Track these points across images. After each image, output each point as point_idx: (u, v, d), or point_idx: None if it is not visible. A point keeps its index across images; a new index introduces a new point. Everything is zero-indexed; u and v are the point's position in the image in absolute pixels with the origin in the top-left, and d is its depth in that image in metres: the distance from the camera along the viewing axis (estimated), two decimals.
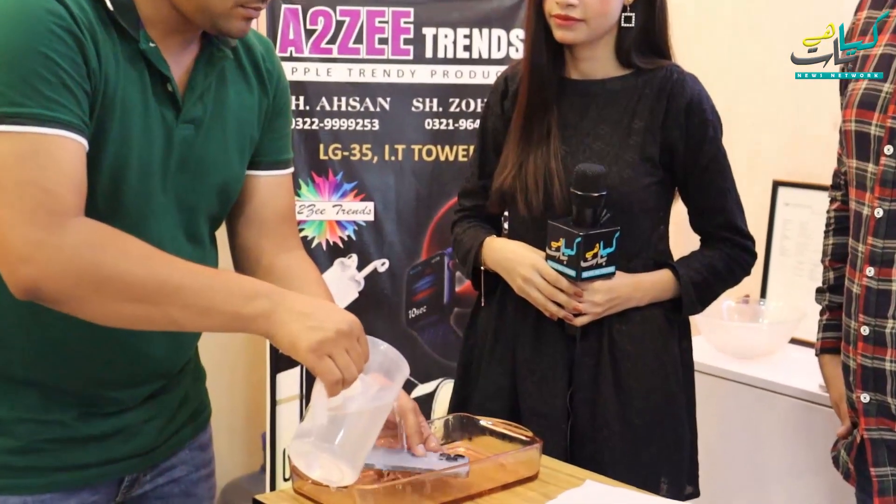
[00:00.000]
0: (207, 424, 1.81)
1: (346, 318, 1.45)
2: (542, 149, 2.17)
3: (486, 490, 1.53)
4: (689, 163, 2.17)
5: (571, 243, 2.07)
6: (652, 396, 2.15)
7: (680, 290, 2.19)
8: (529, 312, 2.18)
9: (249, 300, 1.43)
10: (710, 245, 2.24)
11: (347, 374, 1.43)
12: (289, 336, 1.42)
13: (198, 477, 1.77)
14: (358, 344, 1.45)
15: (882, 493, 1.89)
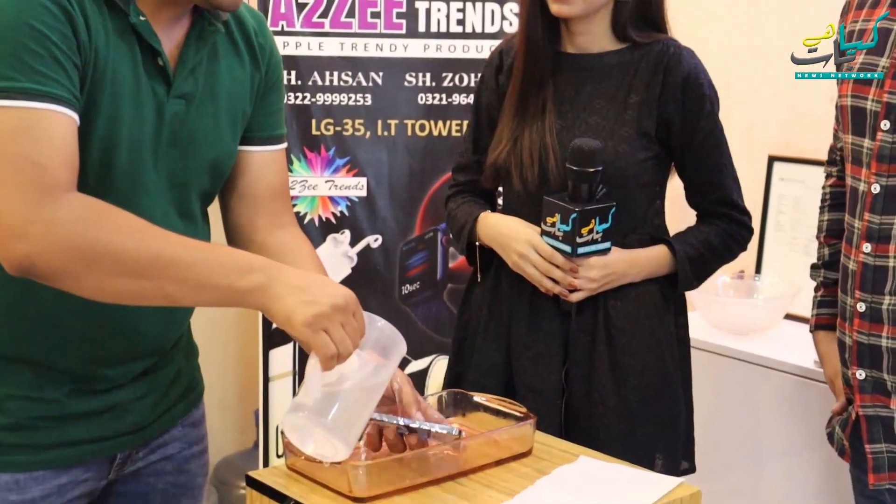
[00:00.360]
0: (200, 401, 1.81)
1: (342, 292, 1.45)
2: (538, 123, 2.17)
3: (480, 466, 1.54)
4: (686, 138, 2.17)
5: (567, 219, 2.07)
6: (647, 373, 2.16)
7: (676, 265, 2.19)
8: (524, 288, 2.18)
9: (244, 274, 1.43)
10: (707, 220, 2.25)
11: (342, 348, 1.43)
12: (284, 310, 1.42)
13: (191, 454, 1.77)
14: (354, 319, 1.45)
15: (877, 470, 1.90)
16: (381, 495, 1.45)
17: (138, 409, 1.66)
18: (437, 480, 1.50)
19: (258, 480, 1.52)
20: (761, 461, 2.75)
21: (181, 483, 1.76)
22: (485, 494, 1.46)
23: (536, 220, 2.15)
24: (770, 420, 2.73)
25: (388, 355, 1.50)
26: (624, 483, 1.49)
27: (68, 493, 1.60)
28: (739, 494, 2.79)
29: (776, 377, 2.71)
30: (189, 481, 1.77)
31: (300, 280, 1.45)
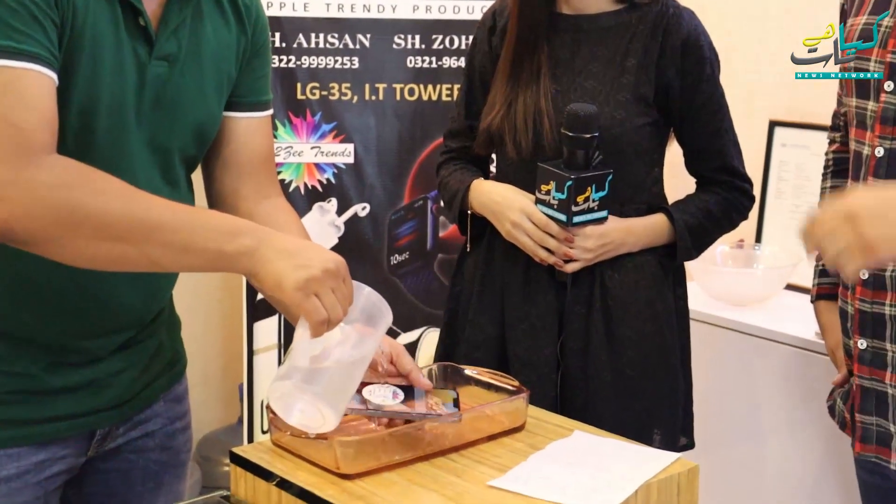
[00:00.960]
0: (183, 375, 1.81)
1: (332, 257, 1.45)
2: (532, 88, 2.16)
3: (472, 441, 1.54)
4: (685, 103, 2.16)
5: (562, 187, 2.07)
6: (645, 345, 2.16)
7: (674, 235, 2.19)
8: (518, 259, 2.18)
9: (233, 237, 1.43)
10: (707, 188, 2.24)
11: (333, 313, 1.43)
12: (273, 274, 1.42)
13: (173, 429, 1.77)
14: (344, 285, 1.45)
15: (864, 440, 1.91)
16: (368, 471, 1.45)
17: (118, 384, 1.65)
18: (427, 456, 1.50)
19: (242, 457, 1.52)
20: (761, 436, 2.76)
21: (164, 460, 1.76)
22: (476, 470, 1.47)
23: (530, 188, 2.14)
24: (770, 393, 2.74)
25: (374, 324, 1.50)
26: (619, 458, 1.49)
27: (46, 470, 1.60)
28: (739, 470, 2.81)
29: (776, 349, 2.72)
30: (172, 458, 1.77)
31: (290, 244, 1.44)
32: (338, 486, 1.42)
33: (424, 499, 1.39)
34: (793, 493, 2.70)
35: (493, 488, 1.41)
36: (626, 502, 1.40)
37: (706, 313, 2.85)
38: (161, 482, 1.76)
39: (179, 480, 1.80)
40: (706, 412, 2.83)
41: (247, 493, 1.51)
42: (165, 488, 1.77)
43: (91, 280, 1.51)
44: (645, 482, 1.43)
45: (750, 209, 2.27)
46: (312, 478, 1.44)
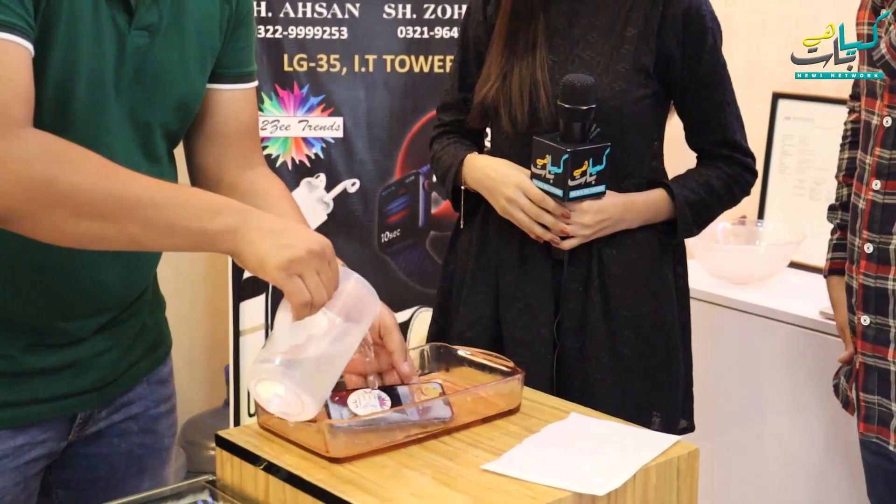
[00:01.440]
0: (167, 357, 1.81)
1: (317, 238, 1.44)
2: (528, 59, 2.15)
3: (465, 424, 1.54)
4: (687, 74, 2.16)
5: (558, 160, 2.06)
6: (644, 325, 2.16)
7: (675, 211, 2.18)
8: (513, 235, 2.18)
9: (216, 216, 1.42)
10: (708, 163, 2.24)
11: (317, 296, 1.42)
12: (257, 254, 1.41)
13: (157, 413, 1.77)
14: (329, 267, 1.44)
15: (867, 420, 1.92)
16: (358, 455, 1.45)
17: (100, 366, 1.65)
18: (419, 439, 1.50)
19: (228, 440, 1.52)
20: (763, 417, 2.77)
21: (148, 444, 1.76)
22: (469, 454, 1.47)
23: (526, 162, 2.14)
24: (772, 374, 2.74)
25: (361, 314, 1.50)
26: (617, 441, 1.50)
27: (25, 454, 1.59)
28: (740, 452, 2.81)
29: (779, 329, 2.72)
30: (156, 442, 1.77)
31: (274, 224, 1.44)
32: (327, 470, 1.42)
33: (416, 483, 1.39)
34: (796, 475, 2.71)
35: (487, 472, 1.41)
36: (624, 486, 1.40)
37: (707, 292, 2.85)
38: (144, 466, 1.76)
39: (163, 465, 1.80)
40: (706, 393, 2.83)
41: (233, 477, 1.51)
42: (149, 473, 1.77)
43: (71, 259, 1.50)
44: (643, 466, 1.43)
45: (752, 184, 2.27)
46: (301, 462, 1.44)
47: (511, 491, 1.36)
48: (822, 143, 2.96)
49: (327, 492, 1.36)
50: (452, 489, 1.37)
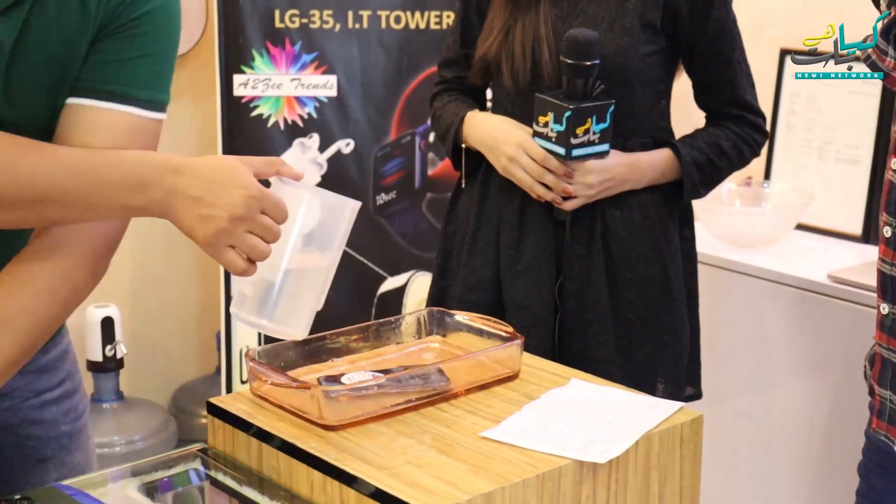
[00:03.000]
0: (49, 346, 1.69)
1: (240, 196, 1.39)
2: (531, 13, 2.14)
3: (463, 390, 1.54)
4: (695, 31, 2.15)
5: (561, 118, 2.06)
6: (648, 288, 2.16)
7: (681, 171, 2.18)
8: (514, 195, 2.18)
9: (137, 191, 1.40)
10: (717, 123, 2.23)
11: (256, 255, 1.41)
12: (185, 227, 1.41)
13: (41, 402, 1.68)
14: (261, 217, 1.41)
15: (880, 416, 1.88)
16: (354, 422, 1.45)
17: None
18: (415, 406, 1.50)
19: (220, 408, 1.52)
20: (770, 384, 2.78)
21: (37, 435, 1.68)
22: (467, 421, 1.47)
23: (528, 120, 2.13)
24: (779, 339, 2.75)
25: (333, 229, 1.48)
26: (619, 408, 1.50)
27: None
28: (746, 420, 2.82)
29: (786, 293, 2.72)
30: (47, 431, 1.69)
31: (197, 188, 1.40)
32: (321, 437, 1.43)
33: (413, 451, 1.40)
34: (802, 443, 2.72)
35: (486, 440, 1.42)
36: (625, 454, 1.40)
37: (712, 255, 2.86)
38: (44, 457, 1.69)
39: (71, 452, 1.72)
40: (711, 359, 2.84)
41: (225, 445, 1.52)
42: (55, 461, 1.70)
43: None
44: (646, 433, 1.43)
45: (762, 145, 2.26)
46: (294, 429, 1.45)
47: (510, 459, 1.37)
48: (830, 101, 2.95)
49: (322, 460, 1.37)
50: (450, 457, 1.38)
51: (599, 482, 1.39)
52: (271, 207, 1.41)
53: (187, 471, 1.51)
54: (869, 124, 2.86)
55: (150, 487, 1.48)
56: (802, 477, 2.73)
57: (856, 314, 2.53)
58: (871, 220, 2.85)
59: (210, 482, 1.50)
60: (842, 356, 2.58)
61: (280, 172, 1.46)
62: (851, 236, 2.89)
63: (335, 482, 1.35)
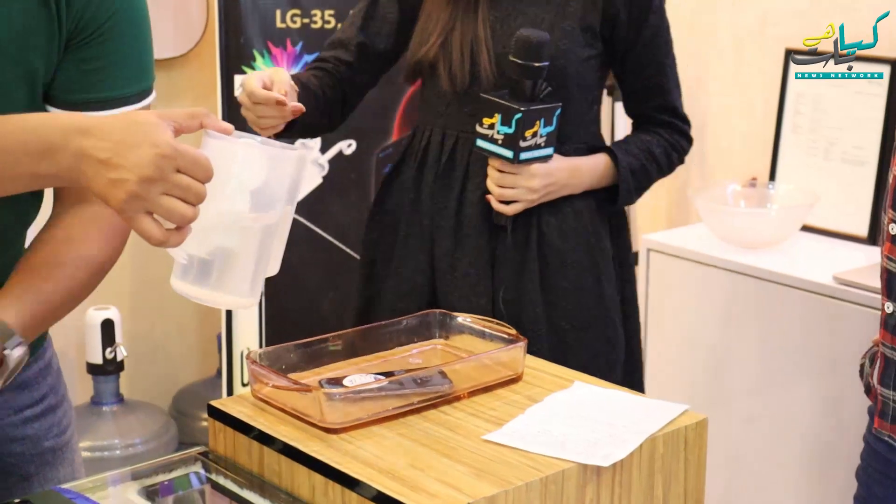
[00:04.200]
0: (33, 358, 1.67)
1: (148, 155, 1.24)
2: (470, 14, 2.14)
3: (466, 393, 1.54)
4: (632, 35, 2.16)
5: (509, 120, 2.05)
6: (582, 298, 2.18)
7: (616, 177, 2.20)
8: (449, 200, 2.17)
9: (42, 158, 1.30)
10: (647, 129, 2.26)
11: (176, 218, 1.27)
12: (98, 193, 1.28)
13: (21, 419, 1.65)
14: (177, 176, 1.26)
15: (882, 415, 1.88)
16: (356, 425, 1.45)
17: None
18: (418, 409, 1.50)
19: (221, 410, 1.52)
20: (775, 386, 2.78)
21: (18, 451, 1.66)
22: (470, 424, 1.47)
23: (465, 122, 2.14)
24: (784, 341, 2.75)
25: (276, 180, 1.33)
26: (623, 410, 1.50)
27: None
28: (750, 422, 2.82)
29: (791, 294, 2.72)
30: (30, 448, 1.67)
31: (105, 150, 1.26)
32: (323, 440, 1.43)
33: (415, 454, 1.40)
34: (807, 446, 2.72)
35: (489, 443, 1.42)
36: (630, 457, 1.40)
37: (716, 256, 2.86)
38: (28, 474, 1.67)
39: (55, 467, 1.70)
40: (716, 362, 2.84)
41: (226, 448, 1.52)
42: (38, 478, 1.68)
43: None
44: (650, 435, 1.43)
45: (688, 152, 2.30)
46: (296, 432, 1.45)
47: (513, 462, 1.37)
48: (836, 102, 2.95)
49: (324, 463, 1.37)
50: (452, 460, 1.38)
51: (603, 485, 1.39)
52: (189, 165, 1.26)
53: (188, 474, 1.51)
54: (875, 125, 2.86)
55: (151, 491, 1.48)
56: (808, 480, 2.73)
57: (862, 316, 2.53)
58: (877, 222, 2.85)
59: (211, 486, 1.50)
60: (848, 358, 2.58)
61: (205, 125, 1.31)
62: (857, 238, 2.89)
63: (337, 485, 1.35)
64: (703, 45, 3.31)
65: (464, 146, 2.18)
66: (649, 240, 3.00)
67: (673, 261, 2.93)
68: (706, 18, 3.29)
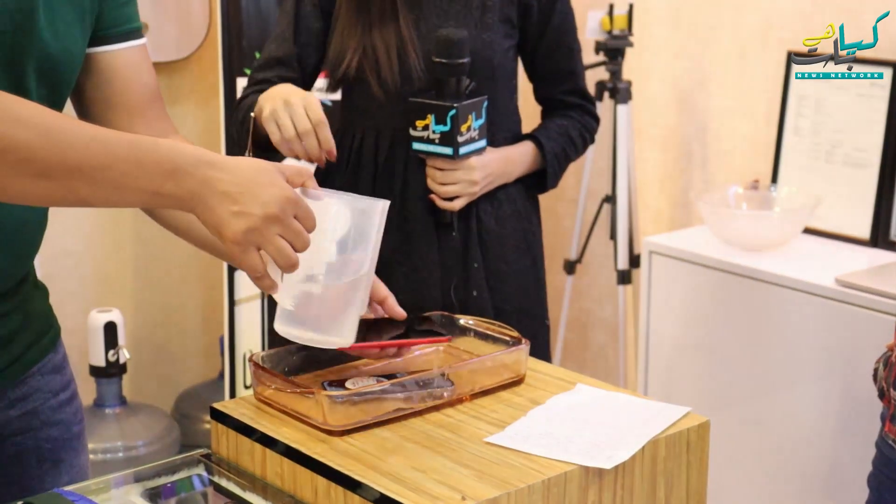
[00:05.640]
0: (56, 344, 1.73)
1: (276, 196, 1.36)
2: (388, 19, 2.15)
3: (468, 395, 1.55)
4: (544, 22, 2.24)
5: (444, 118, 2.09)
6: (521, 280, 2.26)
7: (541, 163, 2.27)
8: (391, 197, 2.17)
9: (170, 177, 1.36)
10: (561, 113, 2.33)
11: (283, 259, 1.38)
12: (213, 222, 1.37)
13: (58, 402, 1.70)
14: (294, 221, 1.38)
15: (893, 420, 1.88)
16: (358, 427, 1.45)
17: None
18: (421, 411, 1.50)
19: (224, 413, 1.52)
20: (777, 389, 2.78)
21: (55, 436, 1.70)
22: (472, 426, 1.47)
23: (401, 124, 2.16)
24: (786, 343, 2.75)
25: (364, 235, 1.47)
26: (625, 413, 1.50)
27: None
28: (752, 425, 2.82)
29: (793, 296, 2.72)
30: (64, 432, 1.71)
31: (231, 184, 1.37)
32: (326, 443, 1.43)
33: (418, 456, 1.40)
34: (810, 449, 2.72)
35: (491, 445, 1.42)
36: (632, 459, 1.40)
37: (718, 259, 2.86)
38: (59, 459, 1.71)
39: (78, 454, 1.74)
40: (717, 364, 2.84)
41: (228, 451, 1.52)
42: (66, 465, 1.72)
43: None
44: (652, 438, 1.43)
45: (597, 130, 2.38)
46: (298, 434, 1.45)
47: (515, 464, 1.37)
48: (839, 104, 2.95)
49: (326, 465, 1.37)
50: (455, 462, 1.38)
51: (605, 488, 1.39)
52: (304, 213, 1.39)
53: (190, 476, 1.51)
54: (877, 127, 2.86)
55: (154, 493, 1.48)
56: (810, 483, 2.73)
57: (864, 318, 2.53)
58: (879, 224, 2.85)
59: (213, 488, 1.50)
60: (850, 361, 2.58)
61: (306, 185, 1.43)
62: (859, 240, 2.89)
63: (339, 488, 1.35)
64: (705, 48, 3.31)
65: (400, 144, 2.21)
66: (651, 242, 3.00)
67: (675, 263, 2.93)
68: (708, 21, 3.30)
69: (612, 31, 3.28)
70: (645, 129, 3.52)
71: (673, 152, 3.47)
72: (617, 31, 3.28)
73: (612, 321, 3.69)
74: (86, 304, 3.44)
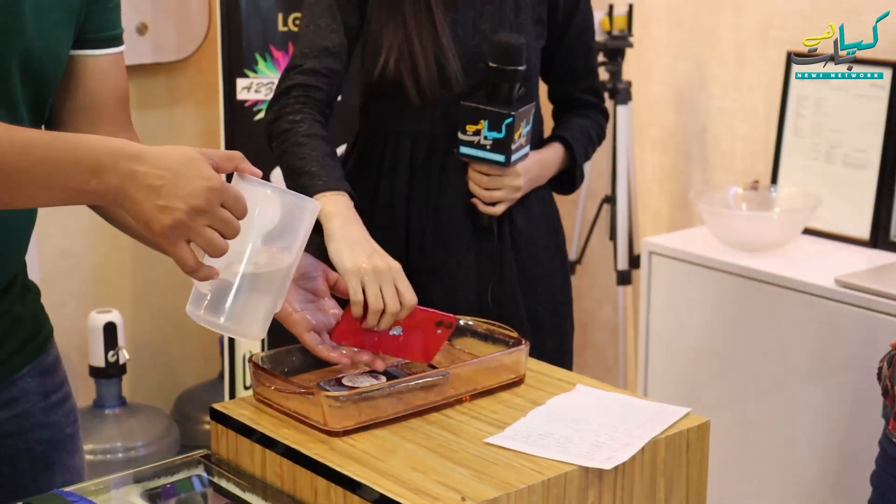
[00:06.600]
0: (48, 344, 1.72)
1: (200, 187, 1.34)
2: (424, 22, 2.09)
3: (468, 396, 1.55)
4: (567, 20, 2.22)
5: (499, 125, 2.06)
6: (553, 280, 2.25)
7: (570, 162, 2.26)
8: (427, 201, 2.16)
9: (93, 175, 1.35)
10: (579, 112, 2.32)
11: (213, 250, 1.35)
12: (140, 217, 1.35)
13: (49, 404, 1.69)
14: (221, 210, 1.35)
15: None
16: (358, 428, 1.45)
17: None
18: (420, 412, 1.50)
19: (223, 413, 1.53)
20: (777, 390, 2.78)
21: (47, 438, 1.69)
22: (472, 427, 1.48)
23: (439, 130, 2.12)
24: (786, 344, 2.75)
25: (292, 230, 1.44)
26: (625, 413, 1.50)
27: None
28: (752, 426, 2.82)
29: (793, 297, 2.72)
30: (56, 434, 1.70)
31: (155, 177, 1.34)
32: (325, 443, 1.43)
33: (417, 457, 1.40)
34: (811, 450, 2.72)
35: (491, 445, 1.42)
36: (632, 460, 1.41)
37: (718, 260, 2.85)
38: (52, 461, 1.70)
39: (72, 455, 1.74)
40: (717, 365, 2.84)
41: (228, 451, 1.52)
42: (59, 466, 1.71)
43: None
44: (652, 439, 1.44)
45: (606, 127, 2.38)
46: (298, 435, 1.45)
47: (515, 465, 1.37)
48: (839, 104, 2.95)
49: (326, 465, 1.37)
50: (454, 463, 1.38)
51: (605, 488, 1.39)
52: (231, 201, 1.36)
53: (190, 477, 1.51)
54: (877, 128, 2.86)
55: (153, 494, 1.48)
56: (809, 483, 2.73)
57: (864, 319, 2.53)
58: (879, 225, 2.85)
59: (213, 488, 1.50)
60: (849, 361, 2.58)
61: (238, 168, 1.40)
62: (859, 241, 2.89)
63: (339, 488, 1.35)
64: (705, 48, 3.31)
65: (438, 149, 2.16)
66: (651, 243, 3.00)
67: (675, 264, 2.93)
68: (708, 21, 3.30)
69: (611, 31, 3.28)
70: (645, 130, 3.52)
71: (673, 153, 3.47)
72: (617, 32, 3.28)
73: (611, 322, 3.69)
74: (85, 304, 3.44)
